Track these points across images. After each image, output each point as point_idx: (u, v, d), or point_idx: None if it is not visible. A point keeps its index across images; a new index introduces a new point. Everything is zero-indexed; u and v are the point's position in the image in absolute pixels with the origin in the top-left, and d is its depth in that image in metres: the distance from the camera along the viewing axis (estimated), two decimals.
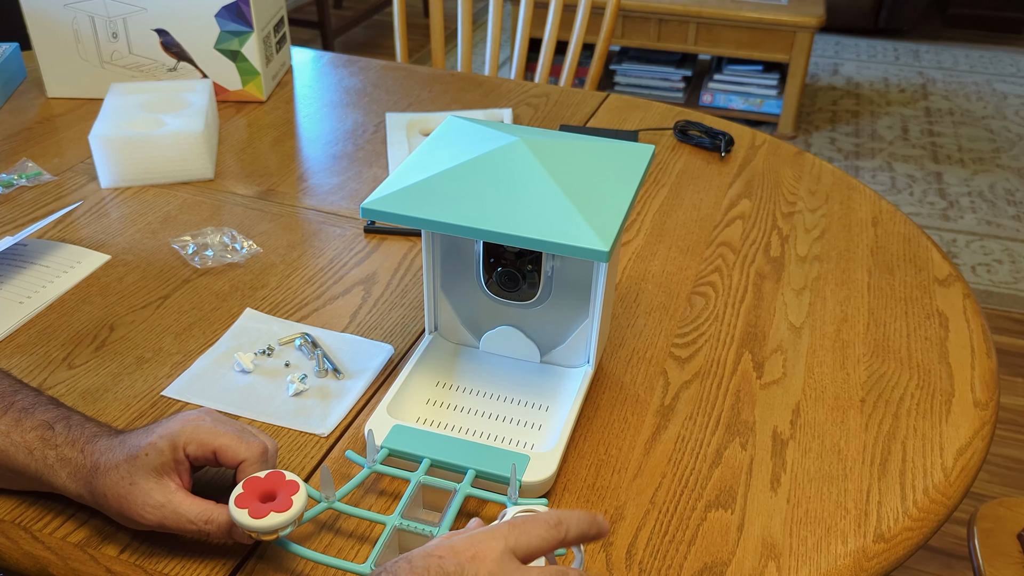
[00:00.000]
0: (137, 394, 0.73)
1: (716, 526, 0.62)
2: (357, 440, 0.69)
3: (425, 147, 0.71)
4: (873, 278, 0.90)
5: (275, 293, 0.86)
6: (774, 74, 2.99)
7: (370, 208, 0.64)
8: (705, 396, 0.74)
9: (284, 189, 1.06)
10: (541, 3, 2.49)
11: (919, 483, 0.65)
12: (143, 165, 1.04)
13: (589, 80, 1.73)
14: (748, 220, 1.00)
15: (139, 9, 1.21)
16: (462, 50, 1.73)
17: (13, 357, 0.76)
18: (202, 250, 0.92)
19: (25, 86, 1.33)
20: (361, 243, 0.95)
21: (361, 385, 0.74)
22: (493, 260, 0.69)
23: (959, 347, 0.80)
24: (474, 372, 0.74)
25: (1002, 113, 3.18)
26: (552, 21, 1.67)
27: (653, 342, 0.80)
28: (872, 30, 3.89)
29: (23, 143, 1.15)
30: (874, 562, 0.60)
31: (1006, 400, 1.84)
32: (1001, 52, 3.75)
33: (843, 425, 0.71)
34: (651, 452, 0.68)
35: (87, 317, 0.82)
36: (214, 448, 0.57)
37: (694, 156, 1.16)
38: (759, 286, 0.89)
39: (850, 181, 1.09)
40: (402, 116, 1.24)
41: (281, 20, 1.36)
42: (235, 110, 1.27)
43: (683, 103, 3.06)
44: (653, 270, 0.91)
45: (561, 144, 0.69)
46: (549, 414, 0.70)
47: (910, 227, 1.00)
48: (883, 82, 3.43)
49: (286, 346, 0.78)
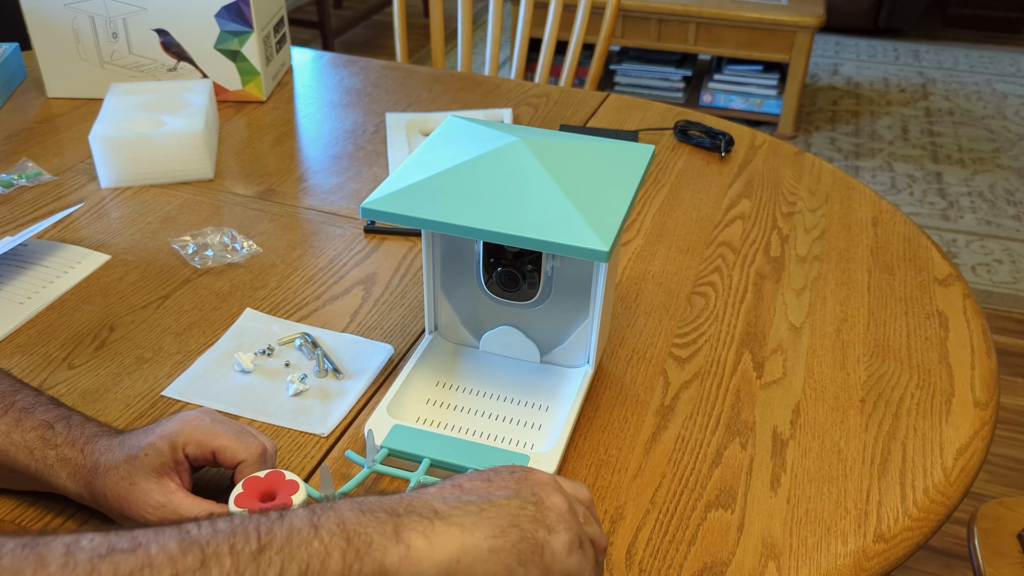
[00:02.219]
0: (137, 394, 0.73)
1: (716, 526, 0.62)
2: (357, 440, 0.69)
3: (425, 147, 0.71)
4: (873, 278, 0.90)
5: (275, 293, 0.86)
6: (774, 74, 2.99)
7: (370, 208, 0.64)
8: (705, 396, 0.74)
9: (284, 189, 1.06)
10: (541, 3, 2.49)
11: (919, 483, 0.65)
12: (143, 165, 1.04)
13: (589, 80, 1.73)
14: (748, 220, 1.00)
15: (139, 9, 1.21)
16: (462, 50, 1.73)
17: (13, 357, 0.76)
18: (202, 250, 0.92)
19: (25, 86, 1.33)
20: (361, 243, 0.95)
21: (361, 385, 0.74)
22: (493, 260, 0.69)
23: (959, 347, 0.80)
24: (474, 372, 0.74)
25: (1002, 113, 3.18)
26: (552, 21, 1.67)
27: (653, 342, 0.80)
28: (872, 30, 3.89)
29: (23, 143, 1.15)
30: (874, 562, 0.60)
31: (1006, 400, 1.84)
32: (1001, 52, 3.76)
33: (843, 425, 0.71)
34: (651, 452, 0.68)
35: (87, 317, 0.82)
36: (213, 448, 0.57)
37: (694, 156, 1.16)
38: (759, 286, 0.89)
39: (850, 181, 1.09)
40: (402, 116, 1.24)
41: (281, 20, 1.36)
42: (235, 110, 1.27)
43: (683, 103, 3.06)
44: (653, 270, 0.91)
45: (561, 144, 0.69)
46: (549, 414, 0.70)
47: (910, 227, 1.00)
48: (883, 82, 3.43)
49: (286, 346, 0.78)
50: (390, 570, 0.39)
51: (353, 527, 0.39)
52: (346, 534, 0.39)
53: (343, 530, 0.39)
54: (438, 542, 0.40)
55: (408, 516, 0.41)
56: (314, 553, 0.38)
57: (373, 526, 0.40)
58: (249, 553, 0.37)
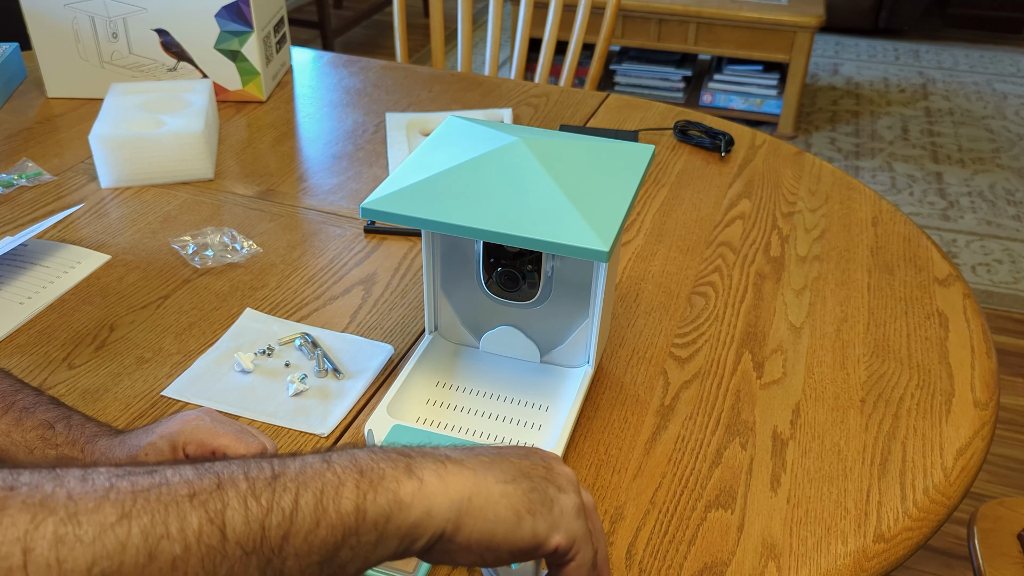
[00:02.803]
0: (137, 394, 0.73)
1: (716, 526, 0.62)
2: (357, 440, 0.69)
3: (425, 147, 0.71)
4: (873, 278, 0.90)
5: (275, 293, 0.86)
6: (774, 74, 2.99)
7: (370, 208, 0.64)
8: (705, 396, 0.74)
9: (284, 189, 1.06)
10: (541, 3, 2.49)
11: (919, 483, 0.65)
12: (143, 165, 1.04)
13: (589, 80, 1.73)
14: (748, 220, 1.00)
15: (139, 9, 1.21)
16: (462, 50, 1.73)
17: (13, 357, 0.76)
18: (202, 250, 0.92)
19: (25, 86, 1.33)
20: (361, 243, 0.95)
21: (361, 385, 0.74)
22: (493, 260, 0.69)
23: (959, 347, 0.80)
24: (474, 372, 0.74)
25: (1002, 113, 3.18)
26: (552, 21, 1.67)
27: (653, 342, 0.80)
28: (872, 30, 3.89)
29: (23, 143, 1.15)
30: (874, 562, 0.60)
31: (1006, 400, 1.84)
32: (1001, 52, 3.75)
33: (843, 425, 0.71)
34: (651, 452, 0.68)
35: (87, 317, 0.82)
36: (213, 448, 0.57)
37: (694, 156, 1.16)
38: (759, 286, 0.89)
39: (850, 181, 1.09)
40: (402, 116, 1.24)
41: (281, 20, 1.36)
42: (235, 110, 1.27)
43: (683, 103, 3.06)
44: (653, 270, 0.91)
45: (561, 144, 0.69)
46: (549, 414, 0.70)
47: (910, 227, 1.00)
48: (883, 82, 3.43)
49: (286, 346, 0.78)
50: (404, 501, 0.39)
51: (366, 463, 0.40)
52: (359, 468, 0.40)
53: (355, 464, 0.40)
54: (450, 480, 0.41)
55: (420, 458, 0.42)
56: (328, 482, 0.38)
57: (386, 463, 0.40)
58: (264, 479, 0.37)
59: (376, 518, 0.39)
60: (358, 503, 0.38)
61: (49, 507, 0.33)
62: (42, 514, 0.32)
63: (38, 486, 0.34)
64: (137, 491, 0.35)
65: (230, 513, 0.35)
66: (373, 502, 0.39)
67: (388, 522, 0.39)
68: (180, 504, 0.35)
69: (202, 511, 0.35)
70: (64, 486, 0.34)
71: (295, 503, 0.37)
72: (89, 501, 0.34)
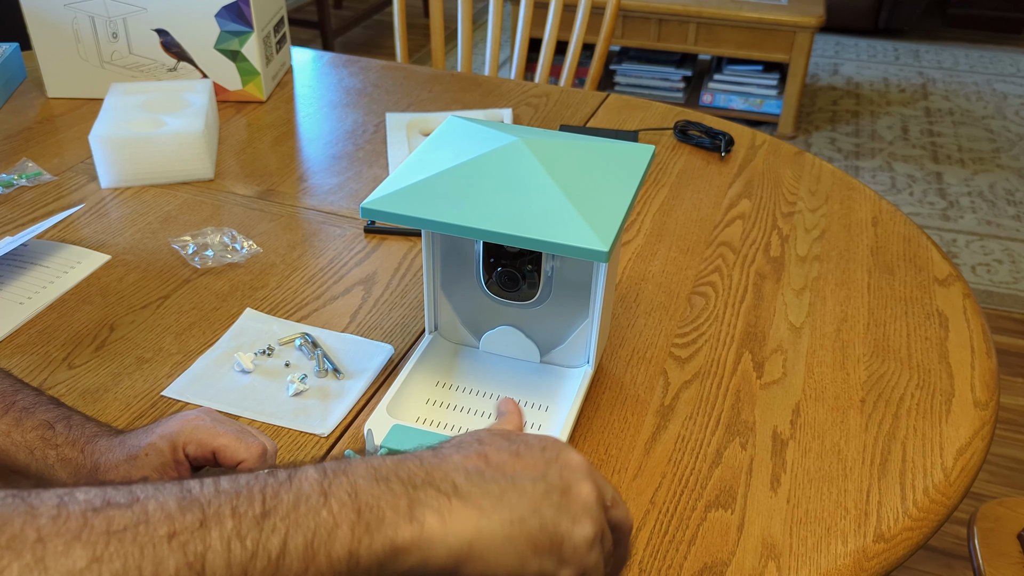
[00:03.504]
0: (137, 394, 0.73)
1: (716, 526, 0.62)
2: (357, 440, 0.69)
3: (425, 147, 0.71)
4: (873, 278, 0.90)
5: (275, 293, 0.86)
6: (774, 74, 2.99)
7: (370, 208, 0.64)
8: (705, 396, 0.74)
9: (284, 189, 1.06)
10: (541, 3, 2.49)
11: (919, 483, 0.65)
12: (143, 165, 1.04)
13: (589, 80, 1.73)
14: (748, 220, 1.00)
15: (139, 9, 1.21)
16: (462, 50, 1.73)
17: (13, 357, 0.76)
18: (202, 250, 0.92)
19: (25, 86, 1.33)
20: (361, 243, 0.95)
21: (361, 385, 0.74)
22: (493, 260, 0.69)
23: (959, 347, 0.80)
24: (474, 372, 0.74)
25: (1002, 113, 3.18)
26: (552, 21, 1.67)
27: (653, 342, 0.80)
28: (872, 30, 3.89)
29: (23, 143, 1.15)
30: (874, 562, 0.60)
31: (1006, 400, 1.84)
32: (1001, 52, 3.75)
33: (843, 425, 0.71)
34: (651, 452, 0.68)
35: (87, 317, 0.82)
36: (213, 448, 0.57)
37: (694, 156, 1.16)
38: (759, 286, 0.89)
39: (850, 181, 1.09)
40: (402, 116, 1.24)
41: (281, 20, 1.36)
42: (235, 110, 1.27)
43: (683, 103, 3.06)
44: (653, 270, 0.91)
45: (561, 144, 0.69)
46: (549, 414, 0.70)
47: (910, 227, 1.00)
48: (883, 82, 3.43)
49: (286, 346, 0.78)
50: (400, 547, 0.37)
51: (365, 499, 0.38)
52: (357, 506, 0.37)
53: (354, 501, 0.37)
54: (452, 523, 0.39)
55: (425, 489, 0.39)
56: (321, 523, 0.36)
57: (386, 499, 0.38)
58: (252, 517, 0.35)
59: (369, 565, 0.37)
60: (352, 548, 0.36)
61: (15, 549, 0.31)
62: (7, 557, 0.31)
63: (8, 522, 0.32)
64: (112, 531, 0.33)
65: (211, 557, 0.33)
66: (368, 548, 0.37)
67: (382, 568, 0.37)
68: (157, 546, 0.33)
69: (180, 554, 0.33)
70: (35, 522, 0.32)
71: (283, 546, 0.35)
72: (59, 543, 0.32)
